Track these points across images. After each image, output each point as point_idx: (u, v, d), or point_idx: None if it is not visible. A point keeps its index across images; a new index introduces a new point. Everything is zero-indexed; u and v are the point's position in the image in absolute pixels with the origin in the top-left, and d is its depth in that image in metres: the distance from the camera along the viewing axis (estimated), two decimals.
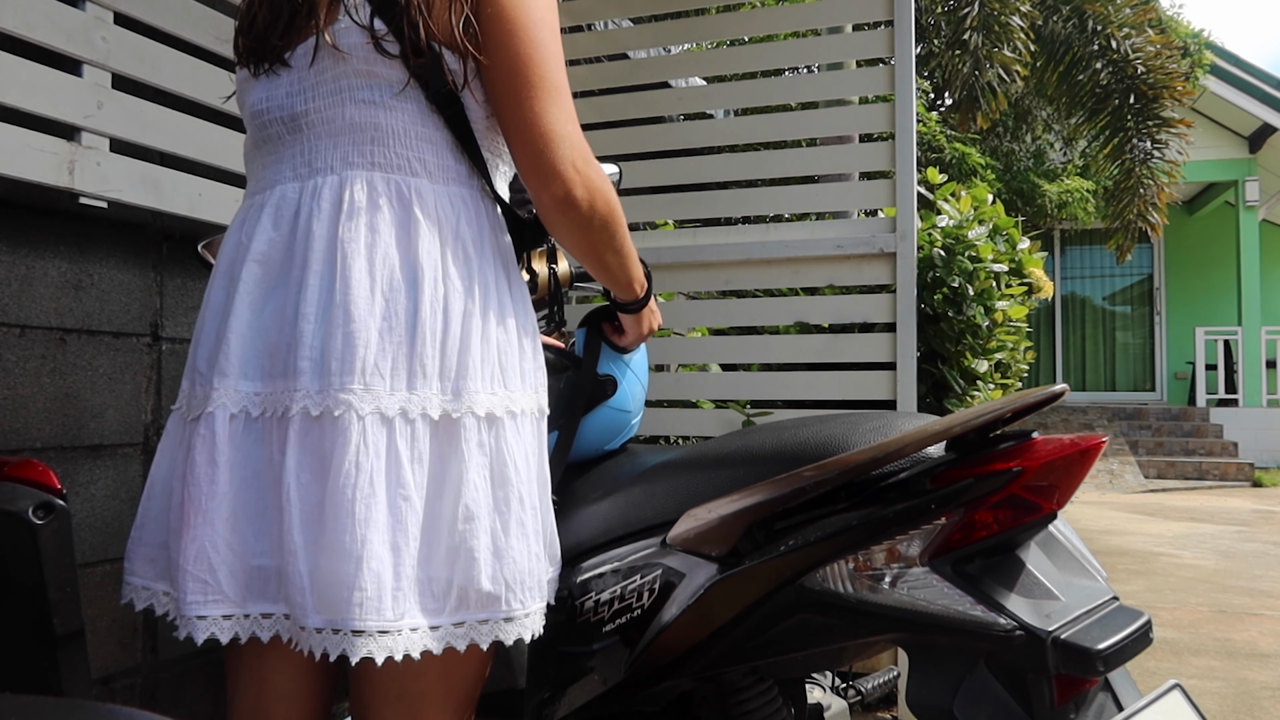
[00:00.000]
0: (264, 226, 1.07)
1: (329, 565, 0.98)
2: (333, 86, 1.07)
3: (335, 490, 0.98)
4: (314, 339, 1.02)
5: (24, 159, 1.52)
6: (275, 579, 1.03)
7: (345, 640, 0.97)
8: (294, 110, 1.09)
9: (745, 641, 1.14)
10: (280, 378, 1.03)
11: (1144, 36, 6.04)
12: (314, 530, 0.99)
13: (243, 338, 1.05)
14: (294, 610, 1.00)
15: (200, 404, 1.06)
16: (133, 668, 1.78)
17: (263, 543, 1.03)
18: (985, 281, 2.66)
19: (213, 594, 1.02)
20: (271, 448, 1.04)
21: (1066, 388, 1.05)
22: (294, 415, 1.01)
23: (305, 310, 1.02)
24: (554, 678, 1.32)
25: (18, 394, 1.59)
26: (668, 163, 2.81)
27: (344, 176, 1.06)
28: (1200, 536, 6.08)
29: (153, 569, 1.11)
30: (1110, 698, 1.05)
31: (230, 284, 1.09)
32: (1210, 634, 3.65)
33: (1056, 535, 1.12)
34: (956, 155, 8.46)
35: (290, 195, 1.08)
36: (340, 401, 1.00)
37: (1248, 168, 11.35)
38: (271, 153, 1.12)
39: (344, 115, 1.07)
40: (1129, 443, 10.13)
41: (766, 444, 1.20)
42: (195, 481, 1.03)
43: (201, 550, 1.01)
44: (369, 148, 1.07)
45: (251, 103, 1.13)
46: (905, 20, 2.48)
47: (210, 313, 1.11)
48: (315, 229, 1.05)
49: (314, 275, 1.03)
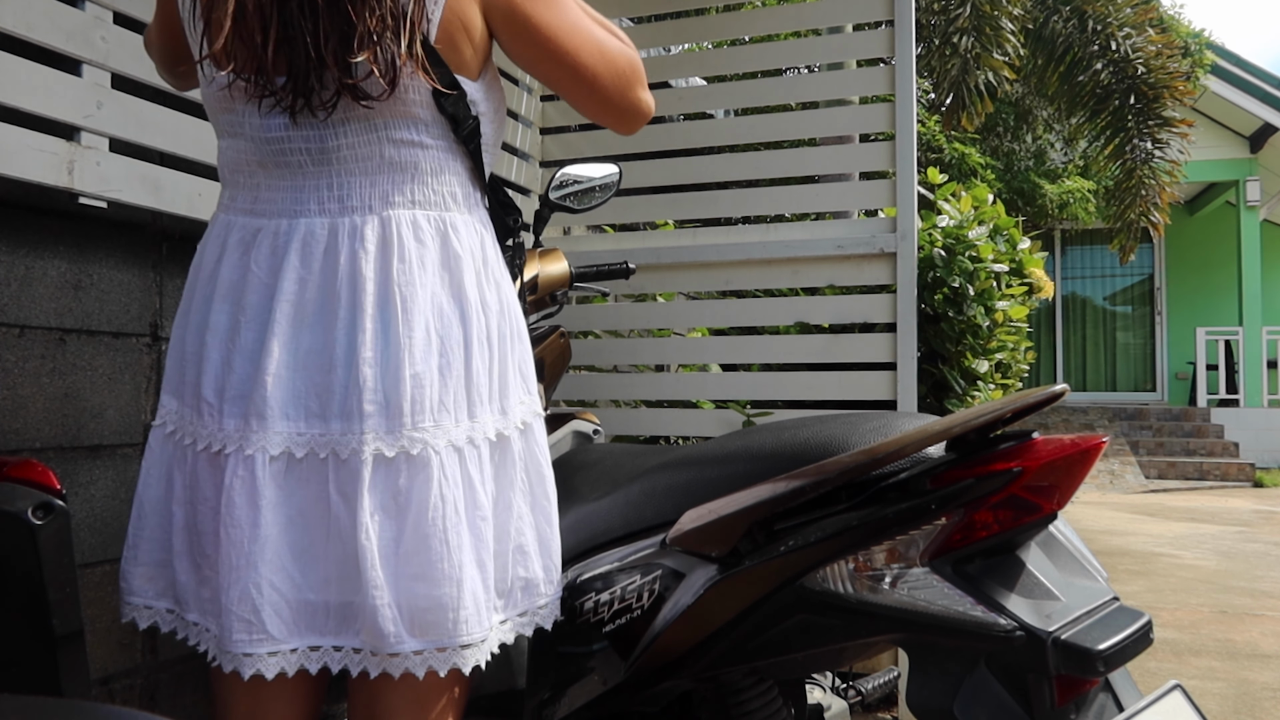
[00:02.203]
0: (292, 264, 1.05)
1: (426, 592, 1.03)
2: (365, 124, 1.06)
3: (425, 523, 1.03)
4: (377, 383, 1.04)
5: (23, 159, 1.52)
6: (328, 614, 1.05)
7: (454, 655, 1.04)
8: (324, 144, 1.06)
9: (745, 642, 1.14)
10: (337, 419, 1.04)
11: (1144, 36, 6.04)
12: (395, 563, 1.03)
13: (280, 379, 1.04)
14: (379, 640, 1.02)
15: (219, 439, 1.06)
16: (132, 668, 1.77)
17: (310, 578, 1.05)
18: (986, 281, 2.66)
19: (257, 633, 1.03)
20: (326, 487, 1.04)
21: (1067, 388, 1.04)
22: (366, 457, 1.03)
23: (364, 354, 1.03)
24: (554, 678, 1.32)
25: (17, 394, 1.59)
26: (668, 163, 2.81)
27: (385, 217, 1.07)
28: (1201, 537, 6.08)
29: (153, 587, 1.12)
30: (1111, 698, 1.04)
31: (237, 311, 1.07)
32: (1211, 634, 3.65)
33: (1057, 535, 1.12)
34: (956, 155, 8.46)
35: (319, 232, 1.06)
36: (415, 440, 1.04)
37: (1249, 168, 11.34)
38: (287, 179, 1.08)
39: (382, 154, 1.07)
40: (1129, 443, 10.13)
41: (766, 444, 1.20)
42: (236, 524, 1.03)
43: (245, 593, 1.02)
44: (409, 186, 1.08)
45: (266, 126, 1.07)
46: (905, 20, 2.48)
47: (214, 338, 1.08)
48: (364, 271, 1.05)
49: (368, 319, 1.04)
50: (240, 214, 1.11)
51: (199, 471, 1.07)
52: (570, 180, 1.84)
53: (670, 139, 2.80)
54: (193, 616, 1.09)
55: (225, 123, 1.11)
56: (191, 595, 1.09)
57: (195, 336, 1.10)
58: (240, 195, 1.12)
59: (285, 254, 1.06)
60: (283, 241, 1.07)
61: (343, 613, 1.05)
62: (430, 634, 1.03)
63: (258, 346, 1.05)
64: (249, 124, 1.08)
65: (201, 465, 1.07)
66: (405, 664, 1.03)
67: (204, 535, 1.07)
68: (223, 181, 1.15)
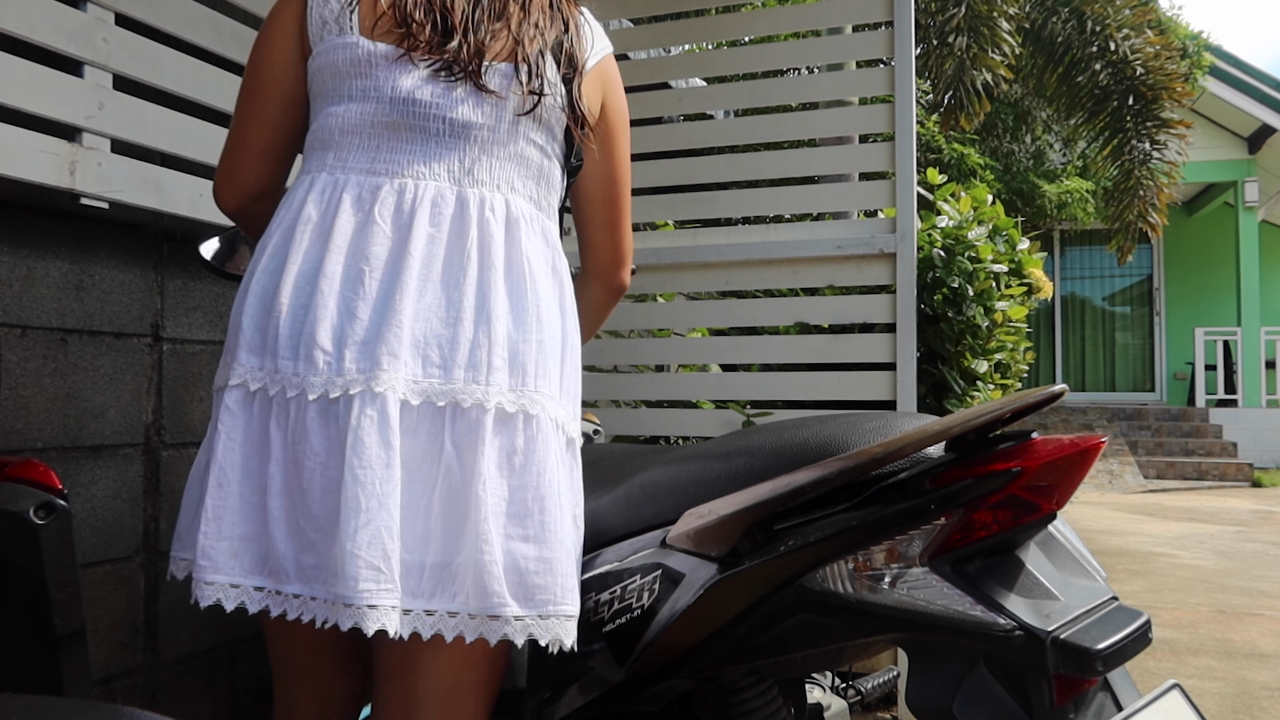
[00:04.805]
0: (421, 221, 1.08)
1: (537, 554, 1.04)
2: (507, 114, 1.14)
3: (542, 484, 1.06)
4: (507, 339, 1.07)
5: (25, 160, 1.52)
6: (422, 574, 1.02)
7: (557, 625, 1.04)
8: (468, 120, 1.12)
9: (745, 641, 1.14)
10: (462, 369, 1.04)
11: (1143, 38, 6.04)
12: (504, 522, 1.03)
13: (405, 327, 1.03)
14: (483, 600, 1.00)
15: (338, 385, 1.02)
16: (133, 668, 1.78)
17: (408, 535, 1.02)
18: (985, 282, 2.67)
19: (385, 582, 0.98)
20: (439, 437, 1.03)
21: (1066, 388, 1.05)
22: (490, 407, 1.04)
23: (497, 311, 1.07)
24: (554, 678, 1.32)
25: (19, 394, 1.59)
26: (668, 163, 2.82)
27: (510, 199, 1.14)
28: (1200, 537, 6.09)
29: (238, 564, 1.04)
30: (1109, 698, 1.05)
31: (359, 261, 1.06)
32: (1209, 634, 3.65)
33: (1056, 535, 1.12)
34: (956, 156, 8.46)
35: (449, 196, 1.10)
36: (536, 401, 1.08)
37: (1247, 169, 11.35)
38: (415, 143, 1.11)
39: (516, 146, 1.15)
40: (1128, 443, 10.13)
41: (766, 444, 1.20)
42: (366, 464, 0.98)
43: (376, 535, 0.98)
44: (530, 184, 1.17)
45: (408, 89, 1.10)
46: (905, 21, 2.49)
47: (331, 285, 1.05)
48: (496, 236, 1.10)
49: (500, 278, 1.09)
50: (356, 172, 1.11)
51: (307, 424, 1.02)
52: None
53: (670, 139, 2.80)
54: (293, 588, 1.02)
55: (356, 88, 1.12)
56: (292, 564, 1.03)
57: (300, 288, 1.06)
58: (354, 155, 1.12)
59: (414, 211, 1.08)
60: (410, 199, 1.09)
61: (438, 574, 1.02)
62: (536, 599, 1.02)
63: (387, 294, 1.04)
64: (390, 89, 1.11)
65: (311, 416, 1.02)
66: (506, 628, 1.01)
67: (309, 494, 1.02)
68: (324, 146, 1.14)
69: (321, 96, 1.14)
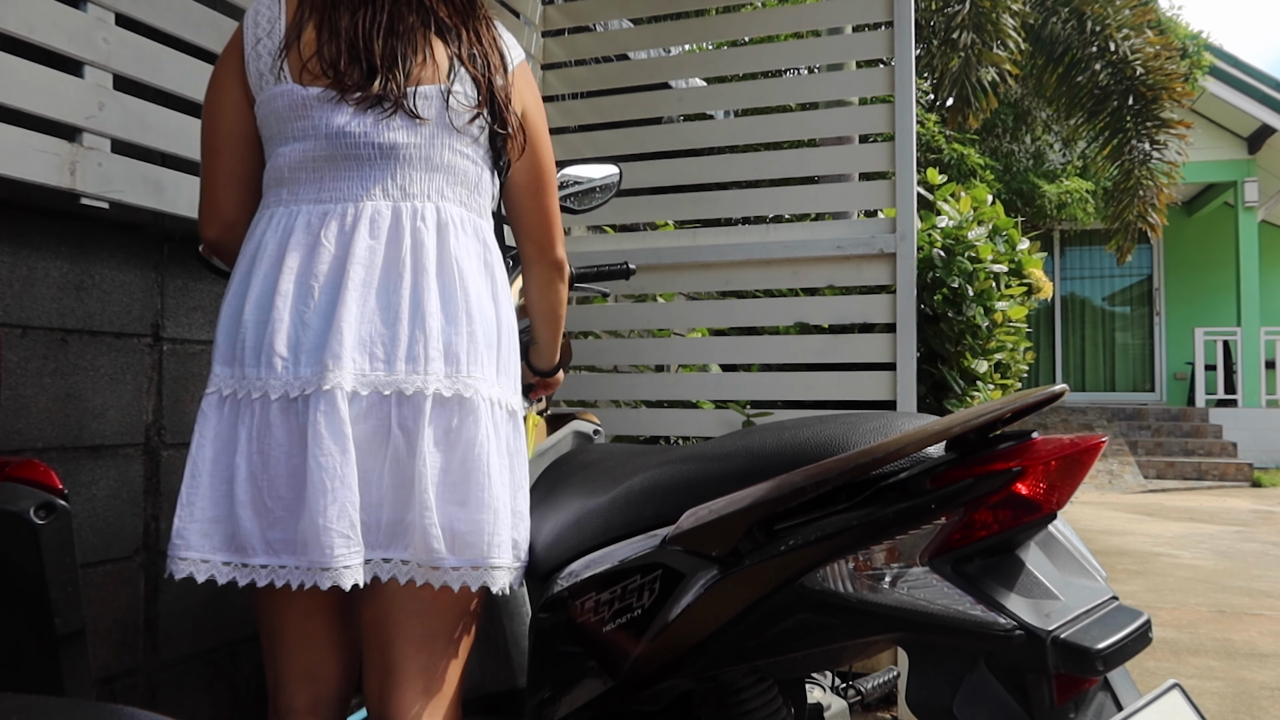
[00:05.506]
0: (361, 235, 1.23)
1: (467, 517, 1.22)
2: (432, 132, 1.28)
3: (470, 458, 1.22)
4: (440, 333, 1.23)
5: (26, 160, 1.53)
6: (379, 529, 1.21)
7: (485, 574, 1.22)
8: (394, 141, 1.26)
9: (745, 641, 1.14)
10: (403, 362, 1.21)
11: (1143, 38, 6.04)
12: (442, 490, 1.21)
13: (350, 330, 1.20)
14: (427, 554, 1.20)
15: (296, 386, 1.19)
16: (134, 668, 1.78)
17: (365, 500, 1.20)
18: (985, 282, 2.67)
19: (354, 546, 1.17)
20: (386, 421, 1.20)
21: (1066, 388, 1.05)
22: (429, 394, 1.20)
23: (430, 309, 1.22)
24: (554, 678, 1.32)
25: (19, 394, 1.59)
26: (668, 163, 2.82)
27: (440, 206, 1.28)
28: (1199, 536, 6.09)
29: (208, 542, 1.21)
30: (1109, 697, 1.05)
31: (309, 279, 1.22)
32: (1209, 634, 3.65)
33: (1056, 535, 1.12)
34: (955, 156, 8.46)
35: (385, 212, 1.25)
36: (469, 386, 1.23)
37: (1247, 169, 11.35)
38: (352, 170, 1.26)
39: (442, 158, 1.29)
40: (1128, 443, 10.14)
41: (766, 444, 1.20)
42: (325, 452, 1.16)
43: (343, 510, 1.16)
44: (458, 190, 1.31)
45: (341, 124, 1.25)
46: (905, 21, 2.49)
47: (285, 302, 1.21)
48: (427, 243, 1.25)
49: (432, 280, 1.24)
50: (306, 202, 1.26)
51: (270, 420, 1.19)
52: (571, 181, 1.85)
53: (670, 140, 2.80)
54: (259, 560, 1.19)
55: (296, 129, 1.26)
56: (258, 540, 1.19)
57: (261, 306, 1.23)
58: (303, 188, 1.27)
59: (355, 229, 1.23)
60: (351, 219, 1.24)
61: (393, 529, 1.21)
62: (467, 554, 1.21)
63: (330, 305, 1.21)
64: (325, 126, 1.25)
65: (274, 414, 1.19)
66: (445, 577, 1.21)
67: (275, 479, 1.19)
68: (277, 183, 1.28)
69: (270, 139, 1.29)
